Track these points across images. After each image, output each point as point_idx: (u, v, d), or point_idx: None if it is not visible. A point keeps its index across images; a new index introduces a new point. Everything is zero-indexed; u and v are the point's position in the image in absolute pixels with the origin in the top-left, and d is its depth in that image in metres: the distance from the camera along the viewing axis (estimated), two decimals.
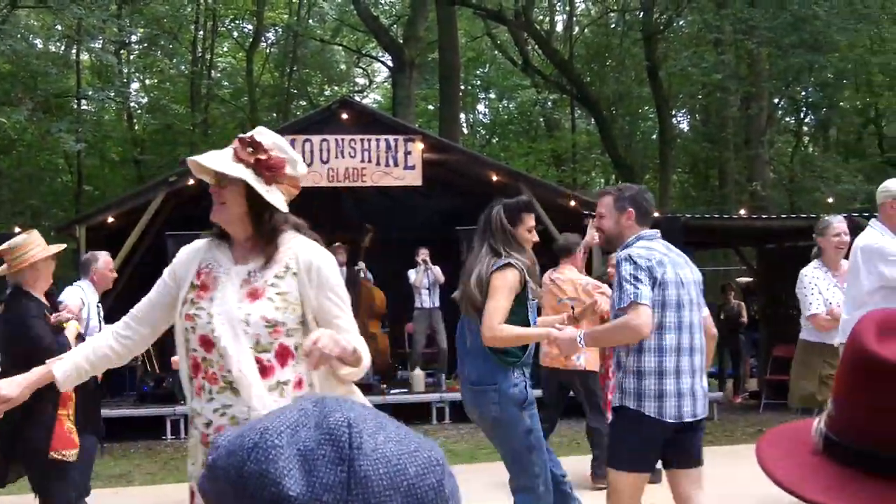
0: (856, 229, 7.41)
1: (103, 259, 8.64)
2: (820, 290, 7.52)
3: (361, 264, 15.38)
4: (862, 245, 6.65)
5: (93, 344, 3.81)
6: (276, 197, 3.50)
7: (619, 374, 5.14)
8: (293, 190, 3.61)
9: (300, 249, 3.56)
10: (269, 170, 3.47)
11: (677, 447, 5.17)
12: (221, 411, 3.47)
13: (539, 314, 6.08)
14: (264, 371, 3.44)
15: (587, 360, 8.81)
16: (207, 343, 3.48)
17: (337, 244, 15.64)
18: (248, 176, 3.44)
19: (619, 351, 5.17)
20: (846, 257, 7.34)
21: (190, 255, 3.71)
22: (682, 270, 5.15)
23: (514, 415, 5.67)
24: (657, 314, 4.98)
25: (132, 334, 3.76)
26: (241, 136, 3.53)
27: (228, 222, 3.58)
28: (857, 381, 1.31)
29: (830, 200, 21.28)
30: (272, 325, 3.45)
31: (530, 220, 5.84)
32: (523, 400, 5.67)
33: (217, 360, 3.46)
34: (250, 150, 3.47)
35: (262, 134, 3.56)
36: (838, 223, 7.65)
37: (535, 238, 5.88)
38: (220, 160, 3.47)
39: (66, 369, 3.68)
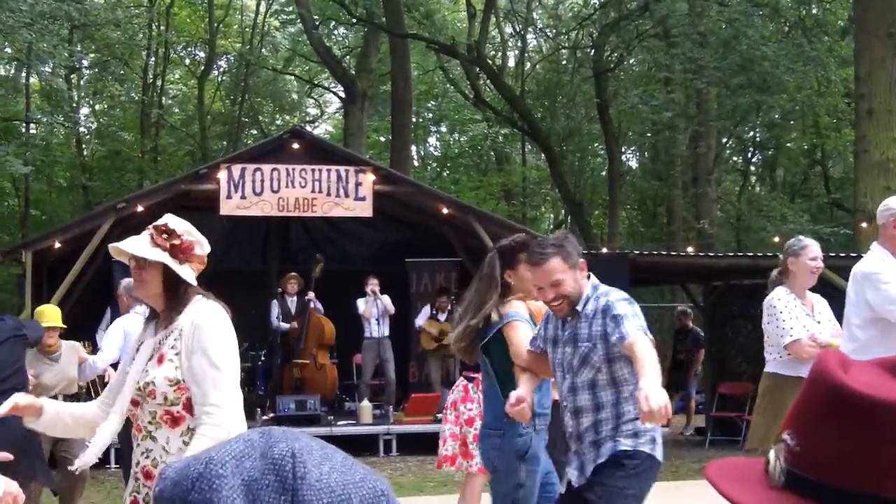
0: None
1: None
2: (796, 316, 6.59)
3: (311, 294, 15.32)
4: (859, 270, 5.93)
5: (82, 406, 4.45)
6: (188, 273, 4.12)
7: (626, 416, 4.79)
8: (201, 266, 4.23)
9: (194, 311, 4.11)
10: (182, 252, 4.10)
11: None
12: (146, 454, 4.07)
13: None
14: (175, 421, 4.03)
15: None
16: (134, 403, 4.08)
17: (291, 275, 15.62)
18: (167, 259, 4.05)
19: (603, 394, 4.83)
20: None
21: (136, 335, 4.43)
22: None
23: (511, 465, 5.35)
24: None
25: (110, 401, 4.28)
26: (155, 224, 4.12)
27: (148, 297, 4.19)
28: (828, 416, 1.29)
29: (776, 240, 21.50)
30: (175, 384, 4.00)
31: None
32: (525, 451, 5.33)
33: (139, 415, 4.09)
34: (165, 236, 4.08)
35: (174, 221, 4.17)
36: (815, 245, 6.82)
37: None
38: (140, 246, 4.07)
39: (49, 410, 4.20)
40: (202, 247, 4.21)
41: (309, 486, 1.01)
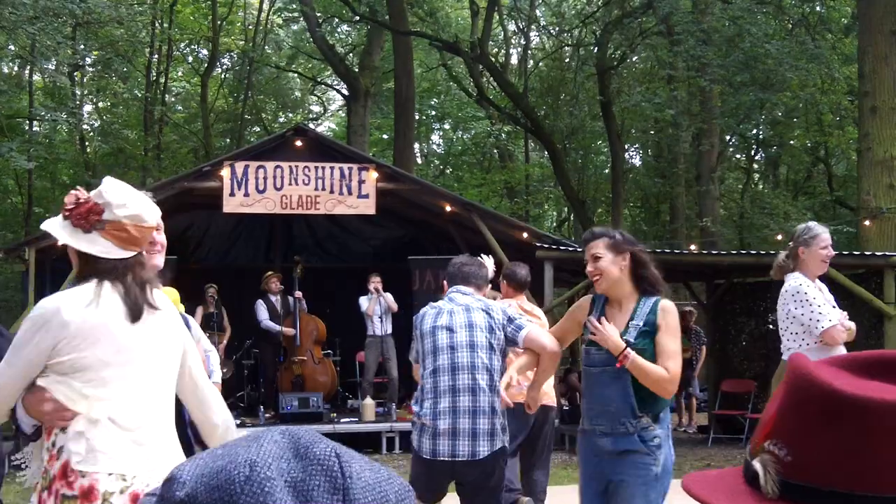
0: None
1: None
2: (825, 300, 6.45)
3: (298, 294, 15.32)
4: None
5: None
6: (92, 244, 3.38)
7: None
8: (122, 234, 3.40)
9: None
10: (75, 217, 3.37)
11: (462, 487, 5.53)
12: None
13: None
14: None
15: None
16: None
17: (271, 273, 15.62)
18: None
19: None
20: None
21: None
22: (456, 317, 5.55)
23: None
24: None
25: None
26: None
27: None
28: (822, 421, 1.27)
29: (779, 237, 21.51)
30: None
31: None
32: None
33: None
34: (73, 201, 3.40)
35: (102, 187, 3.45)
36: (825, 233, 6.63)
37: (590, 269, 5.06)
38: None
39: None
40: (112, 210, 3.38)
41: (355, 484, 1.02)
